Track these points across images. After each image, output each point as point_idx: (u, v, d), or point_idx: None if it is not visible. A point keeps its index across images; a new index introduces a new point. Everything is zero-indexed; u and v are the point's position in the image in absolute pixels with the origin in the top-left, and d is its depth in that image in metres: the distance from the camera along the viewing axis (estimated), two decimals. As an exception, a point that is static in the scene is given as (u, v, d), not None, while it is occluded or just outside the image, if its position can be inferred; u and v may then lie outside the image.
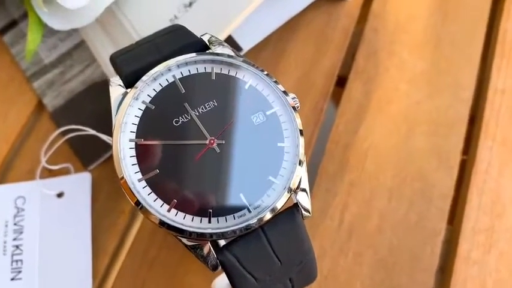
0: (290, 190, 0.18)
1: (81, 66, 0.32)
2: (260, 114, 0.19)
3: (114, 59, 0.21)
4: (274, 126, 0.18)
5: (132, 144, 0.18)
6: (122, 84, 0.19)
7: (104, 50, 0.31)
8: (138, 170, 0.18)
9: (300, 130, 0.18)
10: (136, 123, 0.18)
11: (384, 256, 0.27)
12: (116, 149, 0.18)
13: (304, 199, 0.18)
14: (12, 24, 0.34)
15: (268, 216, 0.18)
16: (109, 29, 0.31)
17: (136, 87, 0.18)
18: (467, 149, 0.30)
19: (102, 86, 0.31)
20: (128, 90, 0.19)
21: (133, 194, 0.18)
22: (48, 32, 0.33)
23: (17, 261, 0.28)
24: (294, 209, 0.18)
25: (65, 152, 0.30)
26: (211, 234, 0.17)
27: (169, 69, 0.19)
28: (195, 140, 0.18)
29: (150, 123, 0.18)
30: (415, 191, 0.29)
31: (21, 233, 0.28)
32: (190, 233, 0.17)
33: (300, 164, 0.18)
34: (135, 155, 0.18)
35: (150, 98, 0.18)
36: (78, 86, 0.31)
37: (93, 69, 0.32)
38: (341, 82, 0.32)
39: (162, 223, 0.17)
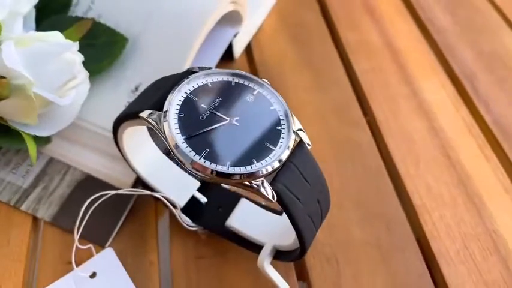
0: (294, 132, 0.26)
1: (60, 175, 0.37)
2: (250, 95, 0.27)
3: (128, 110, 0.27)
4: (262, 99, 0.27)
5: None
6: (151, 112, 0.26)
7: (75, 156, 0.37)
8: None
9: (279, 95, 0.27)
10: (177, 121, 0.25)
11: (356, 199, 0.36)
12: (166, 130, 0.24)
13: (304, 136, 0.27)
14: (-23, 173, 0.37)
15: (287, 153, 0.26)
16: (73, 137, 0.37)
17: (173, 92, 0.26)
18: (365, 113, 0.42)
19: (87, 181, 0.36)
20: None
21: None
22: (16, 164, 0.37)
23: None
24: (301, 143, 0.27)
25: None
26: (262, 171, 0.24)
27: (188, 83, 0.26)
28: (217, 124, 0.26)
29: (185, 123, 0.25)
30: (349, 150, 0.39)
31: (72, 321, 0.31)
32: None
33: (292, 115, 0.27)
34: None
35: (180, 105, 0.26)
36: (65, 190, 0.36)
37: (72, 172, 0.37)
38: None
39: (217, 173, 0.24)
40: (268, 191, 0.24)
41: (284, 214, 0.32)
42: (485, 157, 0.38)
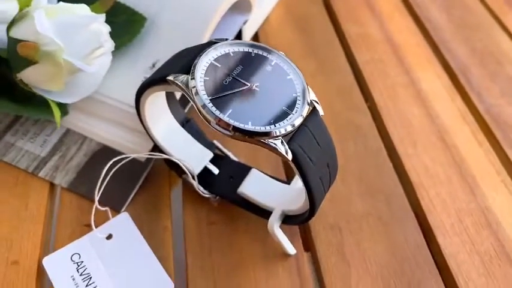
0: (308, 102, 0.28)
1: (77, 145, 0.38)
2: (269, 66, 0.29)
3: (154, 76, 0.29)
4: (279, 69, 0.29)
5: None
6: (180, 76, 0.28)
7: (91, 127, 0.39)
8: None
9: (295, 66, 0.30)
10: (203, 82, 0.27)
11: (358, 175, 0.38)
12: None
13: (317, 105, 0.29)
14: (-5, 141, 0.39)
15: (300, 119, 0.28)
16: (93, 112, 0.39)
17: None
18: (366, 99, 0.44)
19: (103, 151, 0.38)
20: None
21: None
22: (34, 133, 0.39)
23: (97, 300, 0.31)
24: (314, 111, 0.29)
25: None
26: (279, 131, 0.26)
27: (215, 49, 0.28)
28: (239, 88, 0.28)
29: (210, 86, 0.27)
30: (351, 132, 0.41)
31: (90, 278, 0.32)
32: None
33: (307, 86, 0.29)
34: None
35: (205, 70, 0.28)
36: (82, 159, 0.38)
37: (88, 143, 0.38)
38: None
39: (240, 130, 0.26)
40: (285, 149, 0.26)
41: (292, 182, 0.34)
42: (478, 142, 0.41)
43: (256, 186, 0.34)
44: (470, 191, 0.37)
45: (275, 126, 0.27)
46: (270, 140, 0.26)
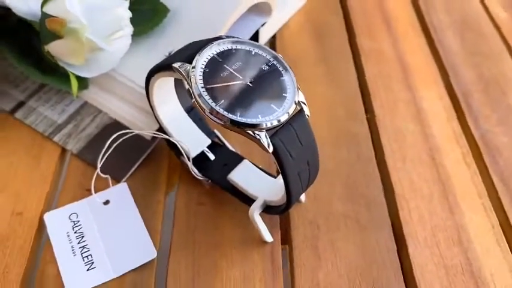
0: (295, 102, 0.31)
1: (91, 117, 0.42)
2: (266, 65, 0.32)
3: (162, 62, 0.32)
4: (275, 70, 0.32)
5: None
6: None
7: (109, 104, 0.42)
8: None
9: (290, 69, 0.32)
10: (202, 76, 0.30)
11: (345, 180, 0.40)
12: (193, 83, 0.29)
13: (304, 107, 0.31)
14: (20, 104, 0.43)
15: (286, 116, 0.30)
16: (109, 88, 0.42)
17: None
18: (366, 110, 0.46)
19: (114, 125, 0.41)
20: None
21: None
22: (55, 102, 0.43)
23: (87, 256, 0.35)
24: (301, 112, 0.31)
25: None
26: (265, 124, 0.29)
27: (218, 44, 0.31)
28: (234, 81, 0.30)
29: (208, 76, 0.30)
30: (347, 139, 0.43)
31: (82, 237, 0.35)
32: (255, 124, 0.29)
33: (298, 88, 0.32)
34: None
35: (206, 62, 0.31)
36: (93, 130, 0.41)
37: (101, 117, 0.42)
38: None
39: (230, 120, 0.28)
40: (267, 142, 0.29)
41: (278, 177, 0.37)
42: (466, 164, 0.42)
43: (245, 175, 0.37)
44: (449, 209, 0.39)
45: (261, 119, 0.29)
46: (255, 132, 0.29)
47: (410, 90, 0.48)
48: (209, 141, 0.39)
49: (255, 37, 0.49)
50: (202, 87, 0.30)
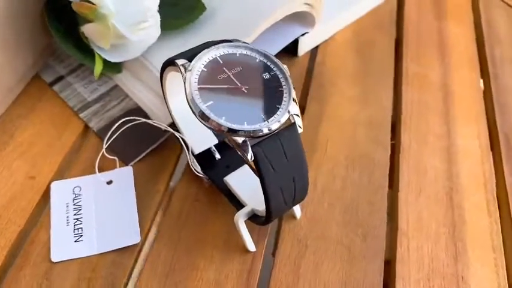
0: (289, 112, 0.30)
1: (118, 100, 0.44)
2: (267, 74, 0.32)
3: (170, 58, 0.33)
4: (276, 80, 0.31)
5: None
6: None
7: (134, 88, 0.44)
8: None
9: (291, 81, 0.32)
10: (198, 77, 0.30)
11: (348, 204, 0.39)
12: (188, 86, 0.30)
13: (298, 120, 0.31)
14: (59, 78, 0.46)
15: (276, 125, 0.30)
16: (137, 74, 0.44)
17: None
18: (393, 137, 0.44)
19: (136, 111, 0.43)
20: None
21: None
22: (89, 81, 0.45)
23: (78, 229, 0.36)
24: (293, 125, 0.31)
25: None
26: (250, 131, 0.29)
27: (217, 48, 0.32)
28: (229, 85, 0.30)
29: (205, 77, 0.30)
30: (363, 163, 0.41)
31: (79, 210, 0.37)
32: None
33: (294, 100, 0.31)
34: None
35: (207, 62, 0.31)
36: (116, 112, 0.43)
37: (127, 101, 0.44)
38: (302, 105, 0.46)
39: (212, 122, 0.29)
40: (247, 149, 0.29)
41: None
42: (488, 211, 0.39)
43: (241, 180, 0.37)
44: (454, 255, 0.36)
45: (245, 126, 0.29)
46: (236, 138, 0.29)
47: (446, 123, 0.45)
48: (216, 141, 0.39)
49: (295, 45, 0.48)
50: (195, 85, 0.30)
